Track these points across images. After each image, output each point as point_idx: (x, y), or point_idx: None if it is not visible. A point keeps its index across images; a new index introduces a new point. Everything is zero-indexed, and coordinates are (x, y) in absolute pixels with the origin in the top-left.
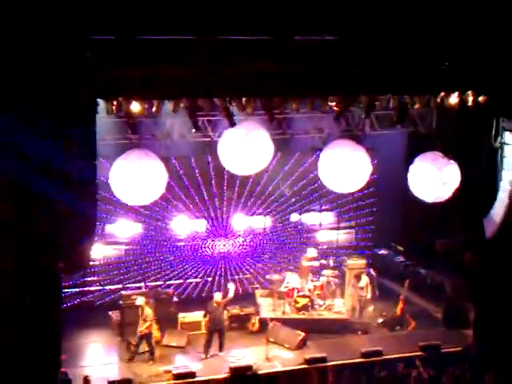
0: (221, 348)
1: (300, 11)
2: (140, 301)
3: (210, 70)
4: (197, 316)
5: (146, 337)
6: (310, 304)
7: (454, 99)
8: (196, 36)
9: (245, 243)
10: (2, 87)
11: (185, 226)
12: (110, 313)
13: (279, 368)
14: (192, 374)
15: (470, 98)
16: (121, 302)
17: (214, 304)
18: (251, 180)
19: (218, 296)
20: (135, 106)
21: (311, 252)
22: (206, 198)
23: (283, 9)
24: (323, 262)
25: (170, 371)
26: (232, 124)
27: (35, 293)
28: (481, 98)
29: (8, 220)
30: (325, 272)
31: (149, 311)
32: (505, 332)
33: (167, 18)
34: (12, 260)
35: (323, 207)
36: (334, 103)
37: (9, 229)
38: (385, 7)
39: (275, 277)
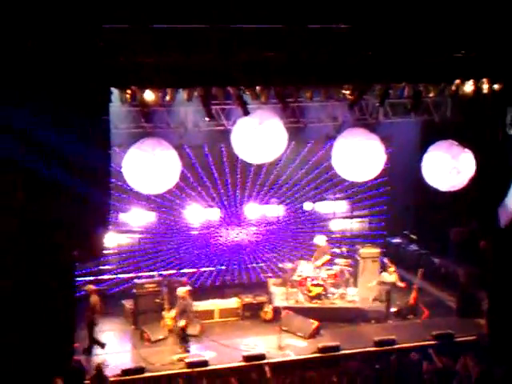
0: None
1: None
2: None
3: (224, 58)
4: (210, 304)
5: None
6: (323, 293)
7: (468, 87)
8: (210, 24)
9: (258, 232)
10: (15, 76)
11: (198, 214)
12: (124, 301)
13: (292, 357)
14: (205, 363)
15: (485, 86)
16: (134, 290)
17: (181, 300)
18: (265, 169)
19: (181, 290)
20: (149, 95)
21: (319, 239)
22: (219, 186)
23: None
24: (336, 250)
25: (182, 359)
26: (246, 113)
27: (49, 282)
28: (496, 86)
29: (22, 208)
30: (338, 261)
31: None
32: None
33: (181, 7)
34: (26, 249)
35: (337, 196)
36: (348, 91)
37: (23, 217)
38: None
39: (288, 265)
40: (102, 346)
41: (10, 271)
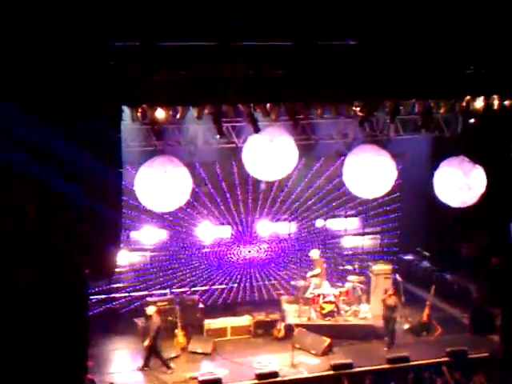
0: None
1: (323, 16)
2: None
3: (234, 75)
4: (222, 322)
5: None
6: (335, 310)
7: (479, 103)
8: (220, 42)
9: (270, 249)
10: (26, 94)
11: (210, 232)
12: (136, 319)
13: (305, 374)
14: (218, 381)
15: (496, 102)
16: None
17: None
18: (276, 186)
19: (151, 309)
20: (160, 113)
21: (313, 253)
22: (230, 204)
23: (306, 14)
24: (349, 267)
25: (195, 378)
26: (256, 130)
27: (62, 300)
28: (507, 102)
29: (33, 225)
30: (350, 278)
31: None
32: None
33: (191, 24)
34: (38, 267)
35: (348, 213)
36: (358, 108)
37: (34, 234)
38: (409, 11)
39: (301, 283)
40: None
41: (21, 289)
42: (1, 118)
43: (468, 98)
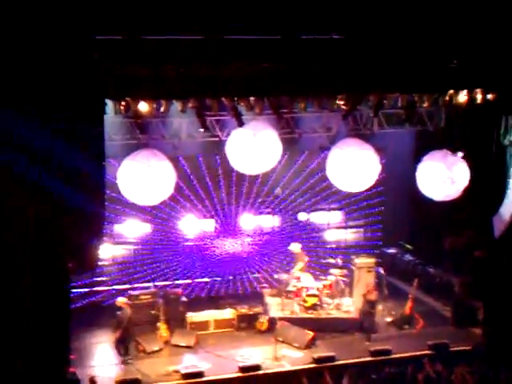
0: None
1: (307, 10)
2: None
3: (218, 69)
4: (205, 316)
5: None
6: (318, 303)
7: (462, 97)
8: (204, 36)
9: (253, 242)
10: (10, 88)
11: (193, 225)
12: (119, 313)
13: (288, 367)
14: (200, 374)
15: (479, 96)
16: (129, 301)
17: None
18: (259, 179)
19: (121, 300)
20: (143, 106)
21: (293, 246)
22: (214, 197)
23: (290, 8)
24: (331, 260)
25: (178, 371)
26: (240, 124)
27: (45, 293)
28: (490, 96)
29: (16, 220)
30: (333, 271)
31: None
32: None
33: (175, 18)
34: (21, 261)
35: (331, 206)
36: (342, 102)
37: (17, 229)
38: (393, 5)
39: (284, 276)
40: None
41: (5, 282)
42: None
43: (451, 91)
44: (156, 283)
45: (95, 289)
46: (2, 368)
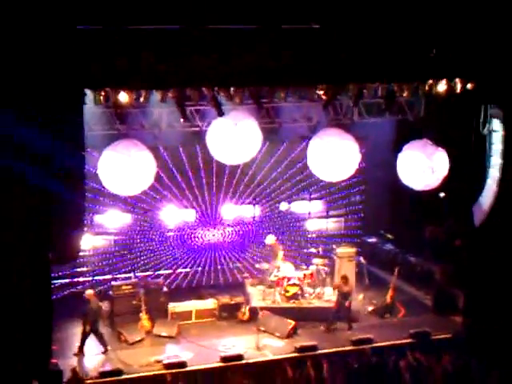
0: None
1: (287, 0)
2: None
3: (198, 59)
4: (187, 306)
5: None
6: (299, 293)
7: (442, 86)
8: (182, 26)
9: (234, 232)
10: None
11: (174, 215)
12: (100, 303)
13: (270, 357)
14: (183, 364)
15: (458, 86)
16: (110, 292)
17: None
18: (240, 169)
19: (88, 293)
20: (123, 96)
21: (268, 239)
22: (194, 187)
23: None
24: (313, 250)
25: (160, 361)
26: (220, 114)
27: (25, 284)
28: (469, 85)
29: None
30: (314, 260)
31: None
32: (493, 318)
33: (154, 8)
34: (1, 251)
35: (312, 196)
36: (322, 92)
37: None
38: None
39: (265, 266)
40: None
41: None
42: None
43: (431, 81)
44: (137, 274)
45: (76, 279)
46: None
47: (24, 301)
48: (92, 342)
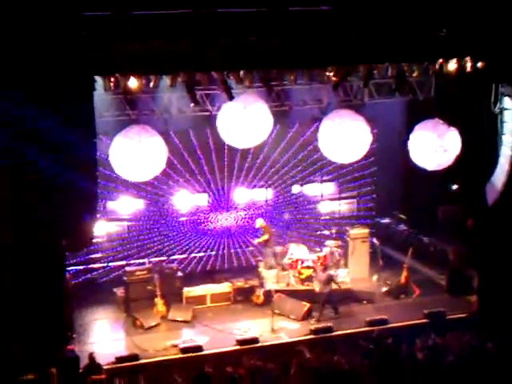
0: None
1: None
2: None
3: (207, 43)
4: (202, 290)
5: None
6: (314, 275)
7: (452, 66)
8: (191, 9)
9: (247, 216)
10: None
11: (186, 200)
12: (115, 289)
13: (285, 339)
14: (199, 348)
15: (469, 64)
16: (125, 278)
17: None
18: (251, 153)
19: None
20: (133, 82)
21: (258, 222)
22: (206, 172)
23: None
24: (326, 232)
25: (176, 345)
26: (230, 97)
27: (40, 271)
28: (479, 64)
29: (9, 199)
30: (328, 242)
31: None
32: (508, 297)
33: None
34: (16, 239)
35: (324, 178)
36: (332, 73)
37: (10, 208)
38: None
39: (278, 249)
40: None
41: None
42: None
43: (441, 60)
44: (151, 259)
45: (90, 266)
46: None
47: (39, 288)
48: (108, 328)
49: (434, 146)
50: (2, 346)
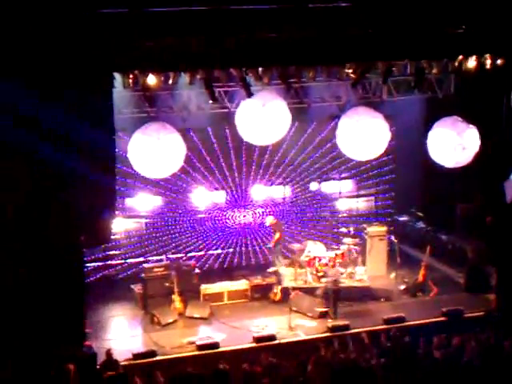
0: None
1: None
2: None
3: (226, 40)
4: (219, 287)
5: None
6: (325, 270)
7: (471, 63)
8: (210, 6)
9: (265, 213)
10: (19, 63)
11: (204, 197)
12: (133, 286)
13: (303, 337)
14: (216, 345)
15: (488, 61)
16: (143, 274)
17: None
18: (269, 150)
19: None
20: (151, 79)
21: (268, 219)
22: (224, 169)
23: None
24: (344, 230)
25: (193, 342)
26: (249, 94)
27: (58, 268)
28: (499, 61)
29: (28, 195)
30: (346, 240)
31: None
32: None
33: None
34: (34, 236)
35: (342, 175)
36: (350, 70)
37: (29, 203)
38: None
39: (296, 246)
40: None
41: (18, 258)
42: None
43: (460, 57)
44: (169, 256)
45: (108, 262)
46: (17, 343)
47: (57, 284)
48: (126, 324)
49: (453, 143)
50: (20, 341)
